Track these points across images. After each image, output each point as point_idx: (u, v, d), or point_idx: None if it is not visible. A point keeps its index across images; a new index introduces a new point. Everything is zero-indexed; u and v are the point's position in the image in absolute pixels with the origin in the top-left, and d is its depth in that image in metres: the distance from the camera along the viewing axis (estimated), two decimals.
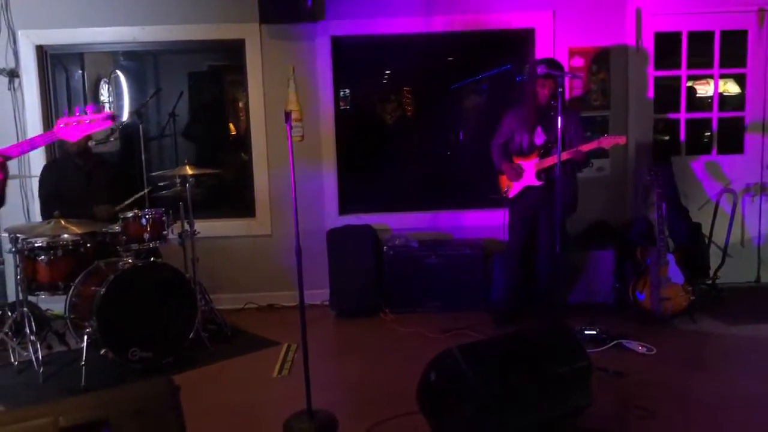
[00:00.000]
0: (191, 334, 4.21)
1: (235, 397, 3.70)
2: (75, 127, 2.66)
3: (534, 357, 3.04)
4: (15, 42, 5.18)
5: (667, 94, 5.52)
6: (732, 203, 5.40)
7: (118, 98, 5.42)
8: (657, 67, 5.41)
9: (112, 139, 5.08)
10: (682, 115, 5.51)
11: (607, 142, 4.33)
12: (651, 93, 5.42)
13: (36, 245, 4.10)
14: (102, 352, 3.93)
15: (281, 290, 5.30)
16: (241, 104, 5.71)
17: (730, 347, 4.31)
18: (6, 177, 2.69)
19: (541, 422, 2.98)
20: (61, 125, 2.67)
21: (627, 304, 4.80)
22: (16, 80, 5.21)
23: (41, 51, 5.29)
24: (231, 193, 5.82)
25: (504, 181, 4.69)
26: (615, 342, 4.21)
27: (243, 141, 5.62)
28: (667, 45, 5.40)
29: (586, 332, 4.28)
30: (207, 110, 5.96)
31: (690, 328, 4.59)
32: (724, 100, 5.61)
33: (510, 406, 2.87)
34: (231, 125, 5.91)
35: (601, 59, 5.34)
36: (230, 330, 4.70)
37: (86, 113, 2.68)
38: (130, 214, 4.30)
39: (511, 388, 2.88)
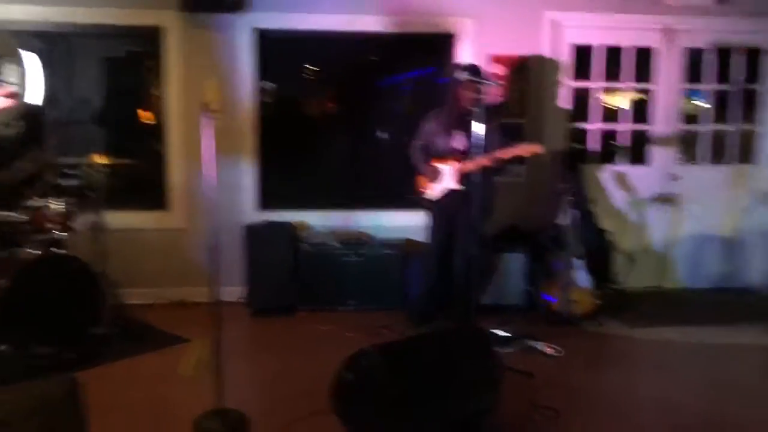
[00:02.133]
0: (97, 330, 4.04)
1: (143, 395, 3.58)
2: None
3: (447, 357, 3.09)
4: None
5: (581, 104, 5.74)
6: (637, 212, 5.66)
7: (26, 80, 5.13)
8: (573, 78, 5.61)
9: (16, 123, 4.79)
10: (594, 126, 5.74)
11: (525, 150, 4.44)
12: (566, 103, 5.61)
13: None
14: (1, 348, 3.71)
15: (195, 286, 5.13)
16: (158, 93, 5.53)
17: (633, 349, 4.54)
18: None
19: (452, 421, 3.03)
20: None
21: (537, 307, 4.95)
22: None
23: None
24: (144, 185, 5.61)
25: (424, 182, 4.74)
26: (525, 343, 4.34)
27: (159, 131, 5.44)
28: (582, 57, 5.61)
29: (497, 333, 4.39)
30: (122, 97, 5.73)
31: (596, 330, 4.79)
32: (633, 113, 5.88)
33: (422, 405, 2.90)
34: (147, 114, 5.71)
35: (520, 68, 5.48)
36: (139, 326, 4.54)
37: None
38: (36, 204, 4.08)
39: (423, 388, 2.91)
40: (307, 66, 5.86)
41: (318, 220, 5.46)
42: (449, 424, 3.02)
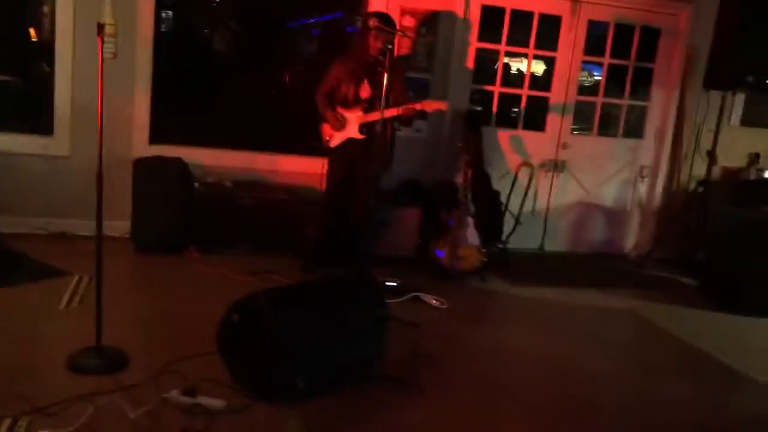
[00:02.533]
0: None
1: (17, 328, 3.39)
2: None
3: (336, 303, 3.13)
4: None
5: (486, 66, 5.82)
6: (528, 176, 5.87)
7: None
8: (480, 39, 5.67)
9: None
10: (496, 89, 5.86)
11: (429, 105, 4.47)
12: (471, 63, 5.68)
13: None
14: None
15: (77, 218, 4.87)
16: (46, 9, 5.11)
17: (513, 305, 4.80)
18: None
19: (337, 366, 3.09)
20: None
21: (427, 260, 5.08)
22: None
23: None
24: (26, 106, 5.22)
25: (326, 129, 4.70)
26: (412, 294, 4.45)
27: (46, 50, 5.05)
28: (491, 19, 5.67)
29: (387, 283, 4.48)
30: (8, 12, 5.26)
31: (480, 286, 4.98)
32: (535, 80, 6.05)
33: (308, 350, 2.93)
34: (33, 30, 5.27)
35: (430, 23, 5.48)
36: (13, 256, 4.27)
37: None
38: None
39: (311, 332, 2.95)
40: None
41: (214, 159, 5.28)
42: (335, 369, 3.08)
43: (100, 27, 2.93)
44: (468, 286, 4.95)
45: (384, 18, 4.44)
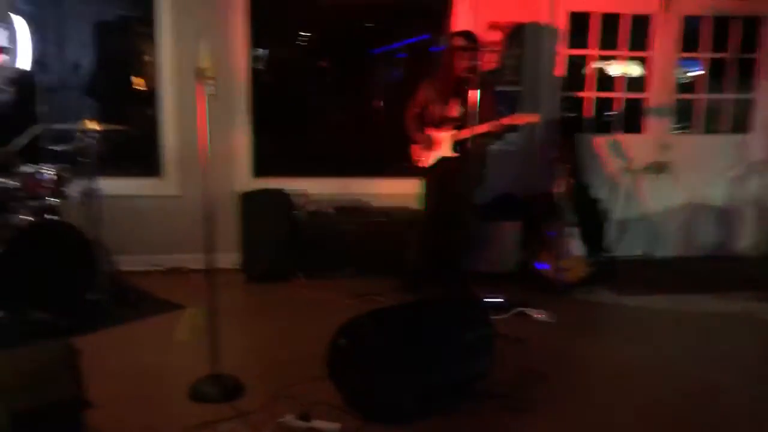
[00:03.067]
0: (92, 296, 4.06)
1: (139, 361, 3.60)
2: None
3: (441, 323, 3.12)
4: None
5: (577, 72, 5.70)
6: (631, 180, 5.68)
7: (16, 44, 5.06)
8: (569, 45, 5.57)
9: (7, 88, 4.74)
10: (589, 94, 5.72)
11: (520, 119, 4.44)
12: (561, 71, 5.58)
13: None
14: None
15: (189, 253, 5.13)
16: (150, 58, 5.46)
17: (622, 316, 4.60)
18: None
19: (445, 386, 3.07)
20: None
21: (529, 274, 4.99)
22: None
23: None
24: (137, 151, 5.58)
25: (417, 150, 4.73)
26: (517, 309, 4.39)
27: (151, 97, 5.39)
28: (579, 24, 5.56)
29: (490, 300, 4.42)
30: (114, 62, 5.67)
31: (586, 297, 4.84)
32: (629, 82, 5.86)
33: (415, 371, 2.94)
34: (139, 80, 5.65)
35: (516, 35, 5.44)
36: (134, 292, 4.55)
37: None
38: (28, 170, 4.05)
39: (417, 353, 2.95)
40: (301, 32, 5.79)
41: (313, 187, 5.44)
42: (442, 389, 3.07)
43: (199, 70, 3.10)
44: (574, 299, 4.81)
45: (468, 36, 4.45)
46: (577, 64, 5.70)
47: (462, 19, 5.34)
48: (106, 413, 2.67)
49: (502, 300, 4.46)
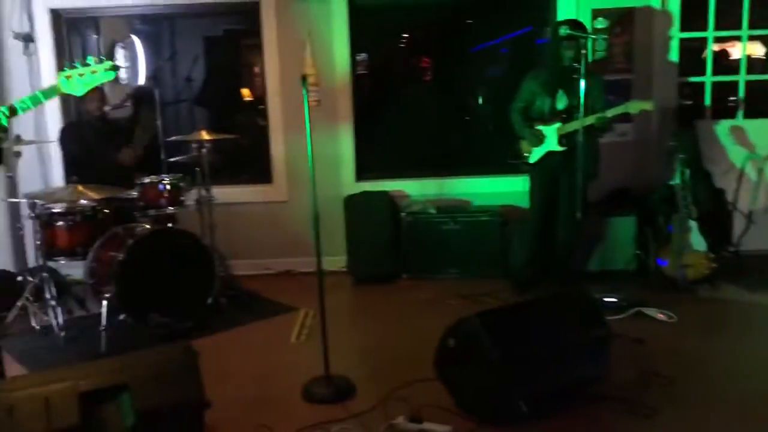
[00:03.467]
0: (209, 300, 4.23)
1: (254, 362, 3.72)
2: (79, 80, 2.62)
3: (553, 324, 3.02)
4: (29, 5, 5.12)
5: (693, 56, 5.38)
6: (757, 169, 5.30)
7: (134, 62, 5.37)
8: (683, 28, 5.26)
9: (126, 104, 5.04)
10: (708, 79, 5.38)
11: (633, 107, 4.24)
12: (676, 55, 5.28)
13: (54, 211, 4.12)
14: (121, 317, 3.96)
15: (298, 256, 5.27)
16: (256, 69, 5.65)
17: (752, 315, 4.27)
18: None
19: (559, 388, 2.97)
20: (64, 79, 2.62)
21: (648, 272, 4.76)
22: (31, 45, 5.17)
23: (56, 15, 5.24)
24: (247, 159, 5.79)
25: (524, 146, 4.62)
26: (635, 309, 4.18)
27: (259, 106, 5.57)
28: (693, 6, 5.24)
29: (605, 299, 4.23)
30: (223, 75, 5.91)
31: (711, 295, 4.54)
32: (752, 63, 5.46)
33: (528, 373, 2.86)
34: (246, 90, 5.85)
35: (624, 21, 5.20)
36: (248, 296, 4.71)
37: (88, 64, 2.63)
38: (147, 180, 4.29)
39: (529, 355, 2.87)
40: (399, 34, 5.80)
41: (415, 188, 5.44)
42: (557, 391, 2.96)
43: (304, 78, 3.16)
44: (697, 297, 4.53)
45: (574, 24, 4.29)
46: (694, 48, 5.37)
47: (565, 8, 5.16)
48: (222, 413, 2.77)
49: (617, 299, 4.26)
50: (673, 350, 3.65)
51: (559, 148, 4.42)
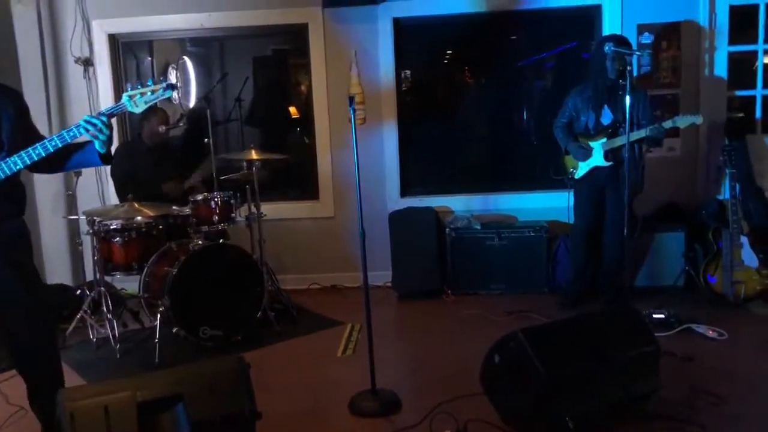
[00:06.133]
0: (259, 314, 4.32)
1: (302, 375, 3.79)
2: (140, 99, 2.74)
3: (600, 340, 3.00)
4: (89, 32, 5.37)
5: (742, 69, 5.29)
6: None
7: (186, 84, 5.55)
8: (732, 42, 5.19)
9: (181, 124, 5.22)
10: (759, 92, 5.28)
11: (681, 122, 4.21)
12: (724, 69, 5.20)
13: (111, 227, 4.28)
14: (174, 330, 4.09)
15: (345, 271, 5.36)
16: (304, 88, 5.77)
17: None
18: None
19: (607, 406, 2.95)
20: (127, 98, 2.75)
21: (697, 288, 4.68)
22: (91, 69, 5.42)
23: (113, 39, 5.48)
24: (295, 176, 5.90)
25: (569, 161, 4.61)
26: (684, 326, 4.11)
27: (306, 124, 5.69)
28: (742, 19, 5.16)
29: (654, 316, 4.18)
30: (271, 94, 6.04)
31: (763, 312, 4.43)
32: None
33: (575, 390, 2.84)
34: (294, 109, 5.98)
35: (671, 35, 5.15)
36: (296, 310, 4.79)
37: (148, 85, 2.75)
38: (200, 197, 4.42)
39: (576, 372, 2.86)
40: (444, 50, 5.85)
41: (460, 204, 5.47)
42: (605, 410, 2.94)
43: (351, 98, 3.23)
44: (750, 314, 4.43)
45: (619, 40, 4.29)
46: (745, 61, 5.28)
47: (611, 23, 5.14)
48: (271, 425, 2.83)
49: (666, 315, 4.20)
50: (724, 368, 3.58)
51: (606, 164, 4.41)
